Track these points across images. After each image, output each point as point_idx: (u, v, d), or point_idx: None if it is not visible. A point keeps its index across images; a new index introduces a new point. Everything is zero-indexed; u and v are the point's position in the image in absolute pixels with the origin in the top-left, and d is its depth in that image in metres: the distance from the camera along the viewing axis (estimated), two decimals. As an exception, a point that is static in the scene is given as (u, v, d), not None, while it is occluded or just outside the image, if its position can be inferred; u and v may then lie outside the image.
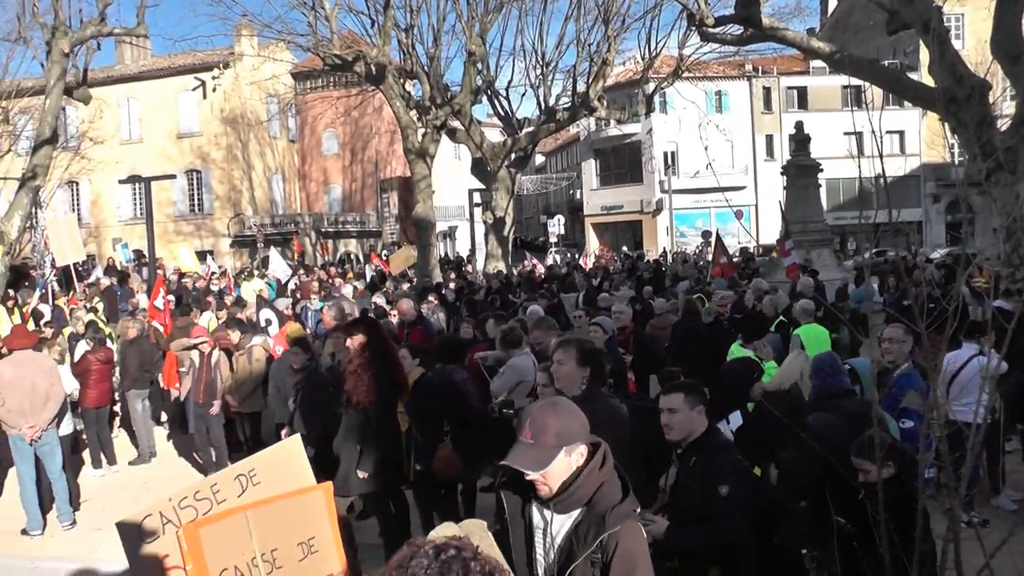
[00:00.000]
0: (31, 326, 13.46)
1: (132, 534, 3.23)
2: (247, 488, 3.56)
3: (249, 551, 3.31)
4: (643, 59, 30.17)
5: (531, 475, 2.97)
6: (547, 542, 3.08)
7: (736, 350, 8.74)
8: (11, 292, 17.88)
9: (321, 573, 3.53)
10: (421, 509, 7.66)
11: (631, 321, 11.70)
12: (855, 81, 25.38)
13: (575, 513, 3.01)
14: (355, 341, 6.98)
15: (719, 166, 46.34)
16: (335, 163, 50.66)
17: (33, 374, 8.80)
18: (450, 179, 49.62)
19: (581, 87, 28.64)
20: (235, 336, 11.04)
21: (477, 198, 33.07)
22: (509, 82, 34.01)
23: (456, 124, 28.09)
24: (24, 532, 8.96)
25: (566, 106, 29.82)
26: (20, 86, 32.22)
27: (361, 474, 6.90)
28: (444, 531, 2.58)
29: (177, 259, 22.87)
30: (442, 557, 2.01)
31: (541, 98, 30.33)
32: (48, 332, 12.69)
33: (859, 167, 4.38)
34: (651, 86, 30.44)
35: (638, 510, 3.07)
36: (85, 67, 23.55)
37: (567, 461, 2.98)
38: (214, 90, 44.67)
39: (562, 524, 3.03)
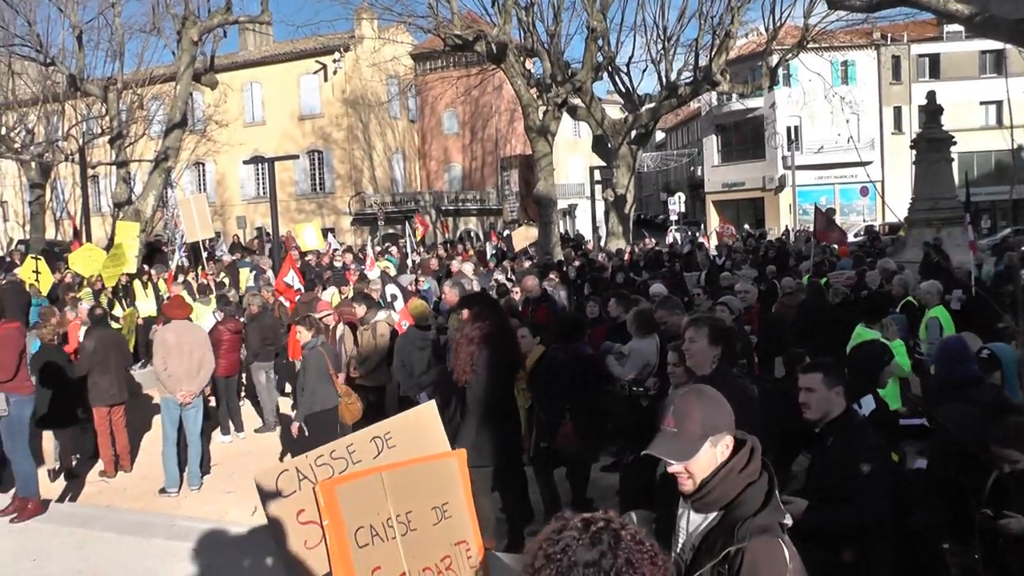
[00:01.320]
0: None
1: (269, 488, 3.30)
2: (382, 450, 3.60)
3: (384, 512, 3.35)
4: (767, 30, 29.36)
5: (674, 467, 2.78)
6: (684, 540, 2.89)
7: (861, 331, 8.36)
8: (146, 267, 18.63)
9: (454, 539, 3.55)
10: (541, 486, 7.67)
11: (756, 301, 11.44)
12: (996, 45, 23.95)
13: (711, 516, 2.79)
14: (465, 317, 7.01)
15: (844, 140, 44.83)
16: (455, 142, 51.09)
17: (190, 342, 9.33)
18: (570, 157, 49.41)
19: (703, 61, 27.96)
20: (361, 310, 11.21)
21: (598, 176, 32.81)
22: (630, 58, 33.79)
23: (577, 101, 27.90)
24: (162, 491, 9.46)
25: (688, 81, 29.21)
26: (152, 74, 33.54)
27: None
28: None
29: (300, 238, 23.41)
30: (592, 528, 2.02)
31: (662, 73, 29.83)
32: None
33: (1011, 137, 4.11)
34: (775, 58, 29.49)
35: (785, 521, 2.72)
36: (212, 54, 24.41)
37: (712, 453, 2.76)
38: (335, 73, 45.52)
39: (697, 525, 2.83)
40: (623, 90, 31.44)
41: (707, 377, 4.69)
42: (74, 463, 10.38)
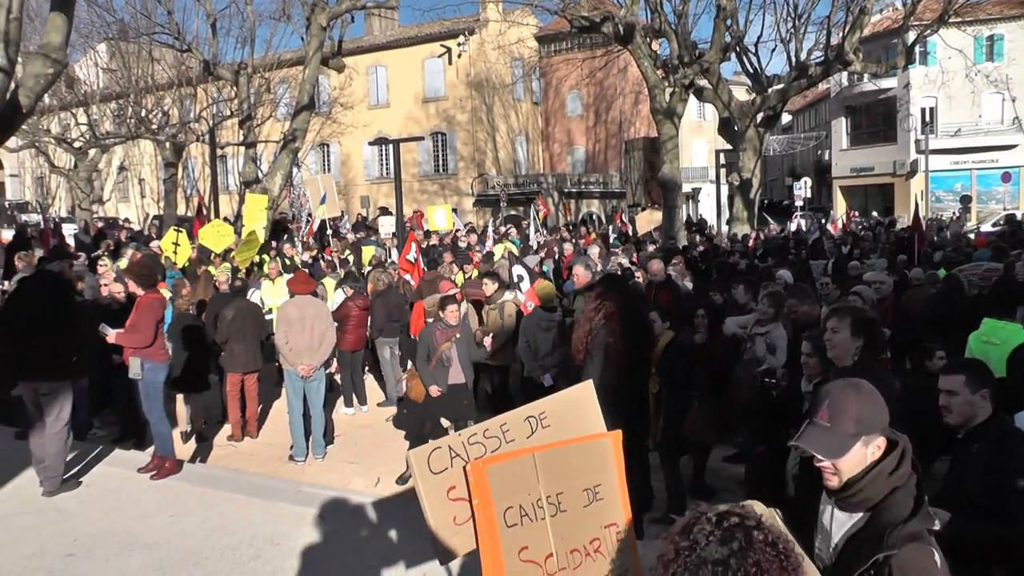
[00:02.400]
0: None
1: (422, 464, 3.33)
2: (536, 430, 3.59)
3: (535, 492, 3.35)
4: (904, 5, 28.09)
5: (822, 462, 2.67)
6: (823, 538, 2.81)
7: (991, 326, 7.63)
8: (273, 243, 19.17)
9: (604, 521, 3.52)
10: (666, 473, 7.57)
11: (891, 292, 11.03)
12: None
13: (857, 517, 2.68)
14: (592, 299, 6.95)
15: (985, 122, 42.66)
16: (579, 124, 50.92)
17: (312, 317, 9.55)
18: (694, 140, 48.63)
19: (835, 39, 26.97)
20: (490, 288, 11.19)
21: (723, 159, 32.18)
22: (758, 37, 32.98)
23: (704, 83, 27.36)
24: (290, 459, 9.76)
25: (818, 60, 28.19)
26: (280, 59, 34.48)
27: None
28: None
29: (430, 219, 23.72)
30: (725, 524, 2.00)
31: (792, 53, 28.89)
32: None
33: None
34: (912, 35, 28.21)
35: (934, 527, 2.61)
36: (340, 39, 24.94)
37: (863, 452, 2.64)
38: (459, 56, 45.89)
39: (842, 525, 2.73)
40: (751, 71, 30.63)
41: (849, 369, 4.52)
42: (204, 427, 10.82)
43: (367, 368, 13.18)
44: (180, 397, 10.63)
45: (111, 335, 8.01)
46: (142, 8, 30.17)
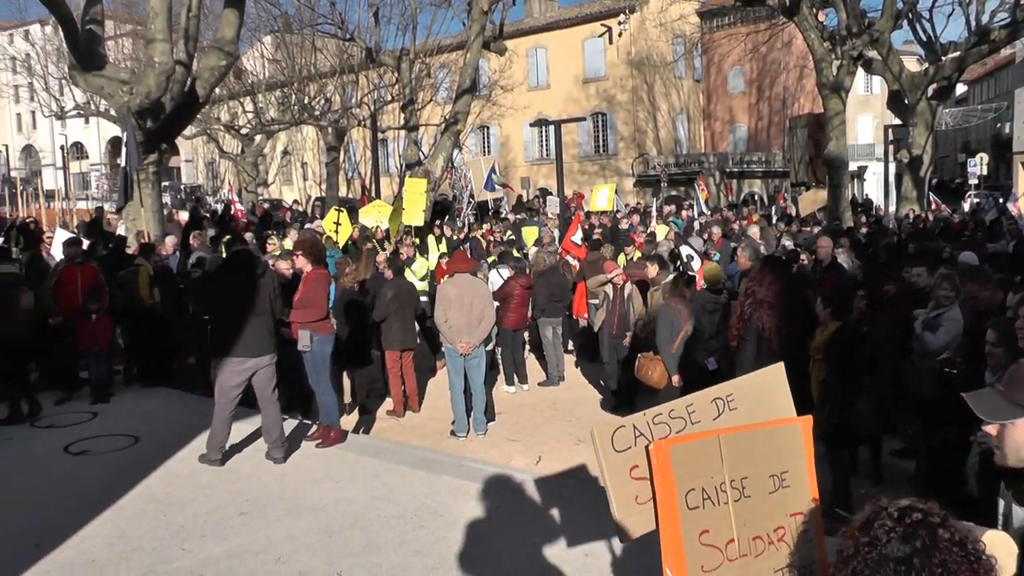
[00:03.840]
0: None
1: (605, 442, 3.26)
2: (723, 412, 3.47)
3: (719, 475, 3.23)
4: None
5: (987, 426, 2.44)
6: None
7: None
8: (437, 223, 19.49)
9: (789, 509, 3.36)
10: (831, 464, 7.24)
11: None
12: None
13: None
14: (747, 284, 6.71)
15: None
16: (741, 101, 49.68)
17: (471, 296, 9.64)
18: (859, 116, 46.64)
19: (1024, -2, 25.06)
20: (653, 270, 11.12)
21: (891, 135, 30.67)
22: (933, 2, 31.01)
23: (873, 54, 26.05)
24: (452, 434, 9.92)
25: (1003, 23, 26.22)
26: (440, 44, 35.05)
27: None
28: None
29: (593, 199, 23.64)
30: (907, 521, 1.87)
31: (971, 16, 27.11)
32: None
33: None
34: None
35: None
36: (501, 22, 25.12)
37: None
38: (620, 35, 45.47)
39: (1021, 520, 2.54)
40: (924, 39, 28.86)
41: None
42: (366, 400, 11.12)
43: (528, 347, 13.21)
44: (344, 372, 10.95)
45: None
46: (306, 1, 31.30)
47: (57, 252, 13.46)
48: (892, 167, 31.30)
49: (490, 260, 14.23)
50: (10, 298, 9.46)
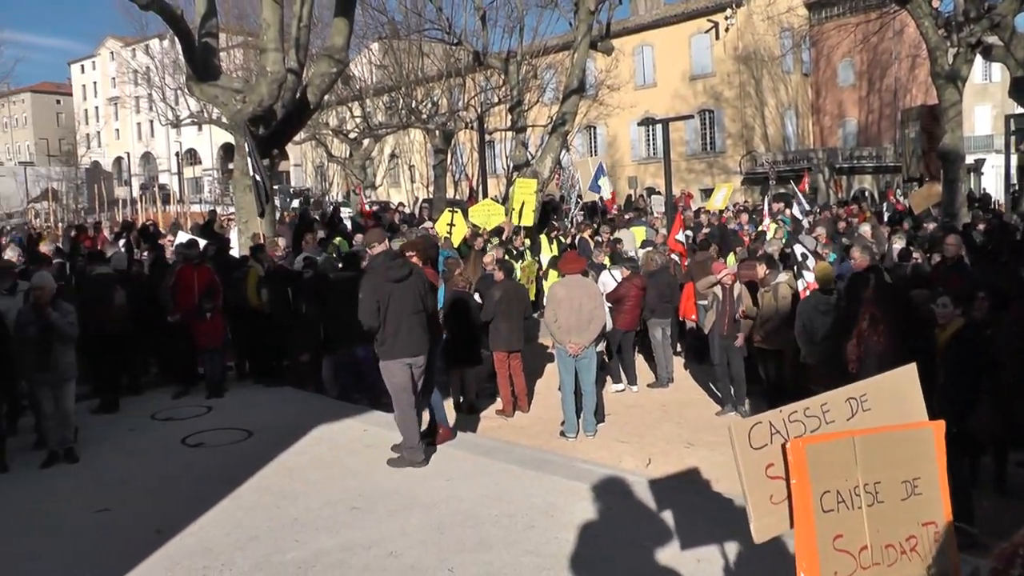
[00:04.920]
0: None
1: (742, 439, 3.21)
2: (856, 412, 3.38)
3: (853, 478, 3.15)
4: None
5: None
6: None
7: None
8: (554, 222, 19.46)
9: (922, 518, 3.25)
10: (950, 473, 6.91)
11: None
12: None
13: None
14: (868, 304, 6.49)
15: None
16: (850, 95, 48.30)
17: (581, 296, 9.59)
18: (976, 106, 44.82)
19: None
20: (762, 271, 10.94)
21: (1013, 125, 29.36)
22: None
23: (993, 39, 24.90)
24: (561, 434, 9.88)
25: None
26: (546, 45, 35.06)
27: None
28: None
29: (712, 199, 23.35)
30: None
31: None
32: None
33: None
34: None
35: None
36: (608, 21, 25.02)
37: None
38: (727, 30, 44.70)
39: None
40: (1052, 21, 27.46)
41: None
42: (476, 399, 11.20)
43: (637, 348, 13.08)
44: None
45: None
46: (413, 7, 31.74)
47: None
48: (1013, 159, 29.93)
49: (603, 261, 14.07)
50: (105, 296, 9.89)
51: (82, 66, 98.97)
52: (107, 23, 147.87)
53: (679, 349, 14.01)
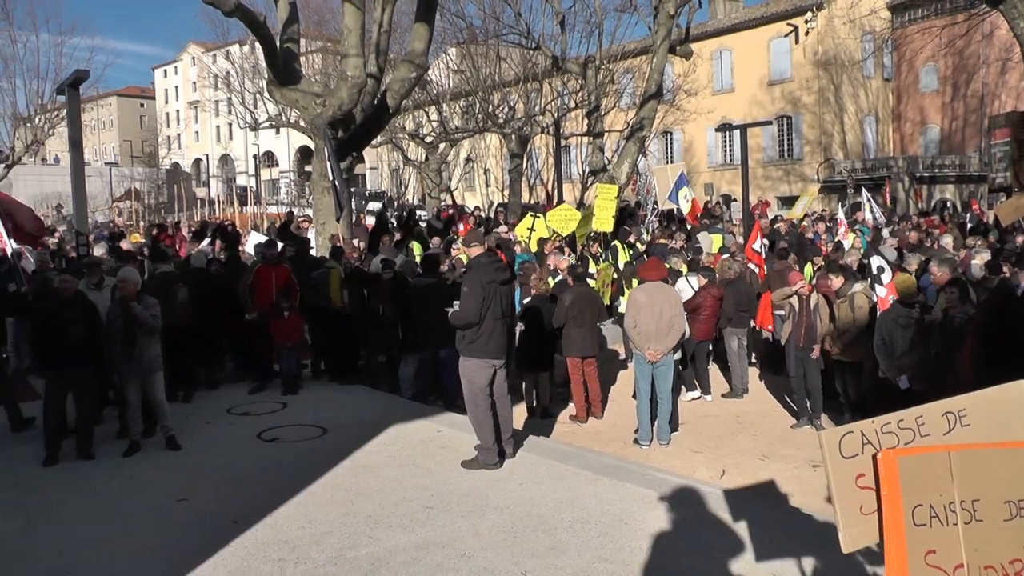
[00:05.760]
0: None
1: (833, 447, 3.15)
2: (954, 427, 3.29)
3: (948, 494, 3.06)
4: None
5: None
6: None
7: None
8: (627, 228, 19.35)
9: None
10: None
11: None
12: None
13: None
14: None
15: None
16: (933, 100, 47.13)
17: (661, 303, 9.54)
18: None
19: None
20: (837, 282, 10.72)
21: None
22: None
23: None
24: (635, 442, 9.84)
25: None
26: (623, 50, 34.96)
27: None
28: None
29: (795, 207, 23.01)
30: None
31: None
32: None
33: None
34: None
35: None
36: (687, 25, 24.88)
37: None
38: (807, 34, 44.10)
39: None
40: None
41: None
42: (549, 404, 11.20)
43: (711, 357, 12.93)
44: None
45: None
46: (491, 12, 31.91)
47: (249, 252, 14.36)
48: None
49: (679, 268, 13.95)
50: (168, 294, 10.10)
51: (165, 71, 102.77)
52: (189, 29, 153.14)
53: (753, 359, 13.80)
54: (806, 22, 43.65)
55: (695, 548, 5.87)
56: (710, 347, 12.48)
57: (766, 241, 16.67)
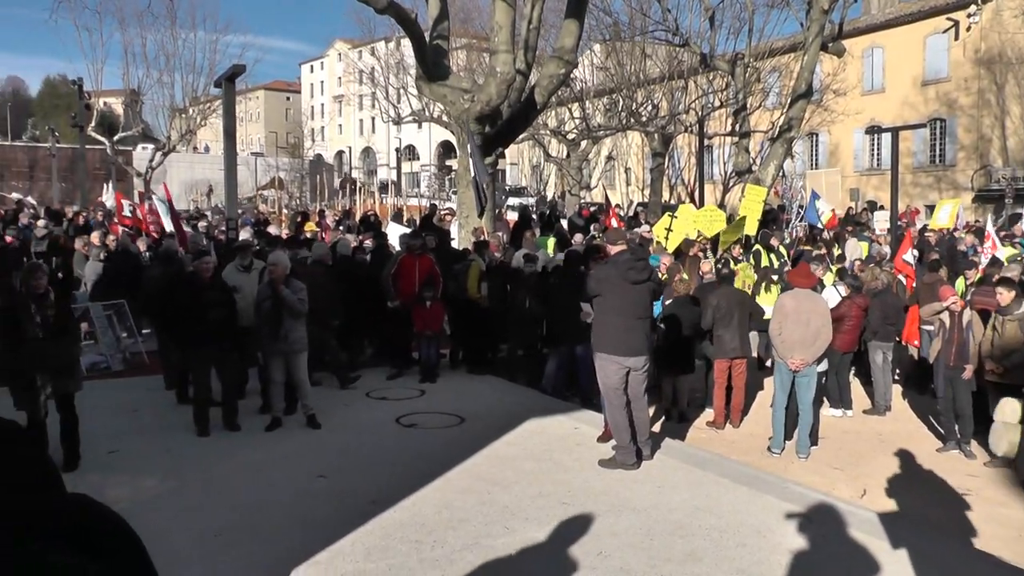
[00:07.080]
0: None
1: None
2: None
3: None
4: None
5: None
6: None
7: None
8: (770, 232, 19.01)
9: None
10: None
11: None
12: None
13: None
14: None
15: None
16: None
17: (809, 311, 9.34)
18: None
19: None
20: (1007, 297, 9.84)
21: None
22: None
23: None
24: (768, 450, 9.69)
25: None
26: (771, 47, 34.16)
27: None
28: None
29: (935, 216, 22.11)
30: None
31: None
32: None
33: None
34: None
35: None
36: (841, 21, 24.11)
37: None
38: (968, 29, 41.85)
39: None
40: None
41: None
42: (687, 408, 11.11)
43: (853, 371, 12.54)
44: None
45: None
46: (639, 8, 31.66)
47: (393, 242, 14.78)
48: None
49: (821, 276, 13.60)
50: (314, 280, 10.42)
51: (311, 66, 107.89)
52: (336, 27, 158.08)
53: (897, 375, 13.26)
54: (969, 16, 41.38)
55: (834, 568, 5.75)
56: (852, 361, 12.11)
57: (915, 251, 16.04)
